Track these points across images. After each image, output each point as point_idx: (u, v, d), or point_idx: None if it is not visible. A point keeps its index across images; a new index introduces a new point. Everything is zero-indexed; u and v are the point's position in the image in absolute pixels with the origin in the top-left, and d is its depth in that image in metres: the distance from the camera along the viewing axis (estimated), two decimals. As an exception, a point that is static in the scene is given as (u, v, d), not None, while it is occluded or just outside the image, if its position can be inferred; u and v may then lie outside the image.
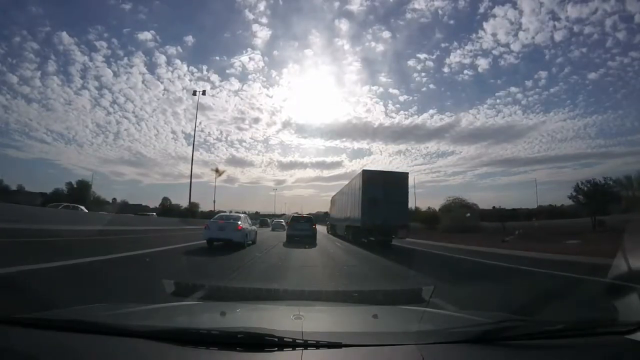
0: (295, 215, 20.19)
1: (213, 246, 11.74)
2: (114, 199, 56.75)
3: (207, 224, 12.94)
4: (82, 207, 25.87)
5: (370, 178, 15.99)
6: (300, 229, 17.06)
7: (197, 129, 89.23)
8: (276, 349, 1.16)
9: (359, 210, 16.06)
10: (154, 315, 1.88)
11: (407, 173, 17.54)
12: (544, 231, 24.59)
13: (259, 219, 49.72)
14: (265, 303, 2.92)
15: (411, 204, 55.72)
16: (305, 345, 1.17)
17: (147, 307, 2.06)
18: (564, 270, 7.82)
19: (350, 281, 6.16)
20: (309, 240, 15.84)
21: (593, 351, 1.25)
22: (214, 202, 48.67)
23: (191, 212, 40.09)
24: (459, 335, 1.33)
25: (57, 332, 1.32)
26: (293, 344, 1.17)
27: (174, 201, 60.84)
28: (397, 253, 12.65)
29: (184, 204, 61.77)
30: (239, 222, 12.54)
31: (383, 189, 15.50)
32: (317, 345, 1.18)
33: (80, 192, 46.32)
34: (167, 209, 55.20)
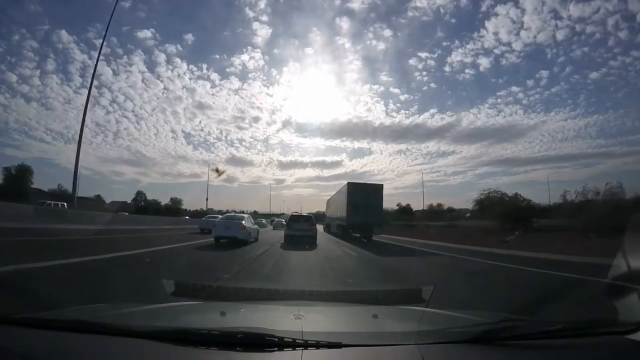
0: (294, 214, 19.43)
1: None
2: (98, 195, 54.26)
3: (214, 223, 14.69)
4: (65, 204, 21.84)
5: (354, 188, 20.50)
6: (299, 229, 16.30)
7: (197, 127, 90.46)
8: (276, 349, 1.16)
9: (345, 212, 20.18)
10: (154, 315, 1.88)
11: (382, 184, 22.39)
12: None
13: (271, 218, 49.66)
14: (265, 303, 2.92)
15: (420, 203, 57.59)
16: (305, 345, 1.17)
17: (147, 307, 2.06)
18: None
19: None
20: (309, 241, 15.28)
21: (593, 351, 1.25)
22: (207, 200, 48.22)
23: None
24: (459, 335, 1.33)
25: (57, 332, 1.32)
26: (293, 344, 1.17)
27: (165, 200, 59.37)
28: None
29: (168, 201, 59.43)
30: (243, 222, 13.81)
31: (363, 197, 19.72)
32: (317, 345, 1.18)
33: (18, 180, 37.82)
34: (141, 207, 49.30)
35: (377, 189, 21.22)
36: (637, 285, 1.67)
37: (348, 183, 21.07)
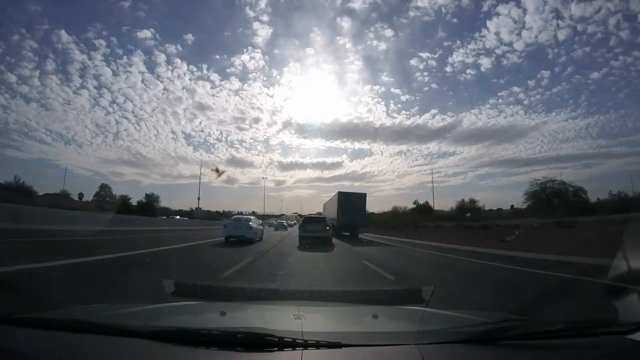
0: (307, 215, 20.42)
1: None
2: (81, 194, 47.70)
3: (225, 224, 16.16)
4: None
5: (343, 196, 24.77)
6: (314, 231, 15.74)
7: (197, 128, 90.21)
8: (276, 349, 1.16)
9: (336, 215, 23.94)
10: (154, 315, 1.88)
11: (365, 193, 26.84)
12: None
13: (272, 219, 49.04)
14: (265, 303, 2.92)
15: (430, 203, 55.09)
16: (305, 345, 1.17)
17: (147, 307, 2.06)
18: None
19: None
20: (324, 242, 14.50)
21: (593, 351, 1.25)
22: (199, 199, 47.11)
23: None
24: (459, 335, 1.33)
25: (57, 332, 1.32)
26: (293, 344, 1.17)
27: (165, 203, 55.77)
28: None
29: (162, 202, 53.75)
30: (250, 223, 15.76)
31: (350, 203, 23.76)
32: (317, 345, 1.18)
33: None
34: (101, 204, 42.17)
35: (362, 197, 26.01)
36: (637, 286, 1.67)
37: (338, 192, 25.67)
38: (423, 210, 51.81)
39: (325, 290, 4.99)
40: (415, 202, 57.88)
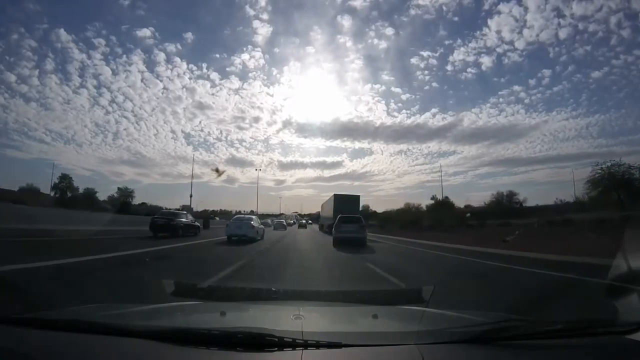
0: (342, 215, 16.58)
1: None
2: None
3: (227, 223, 16.96)
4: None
5: (338, 197, 28.44)
6: (350, 231, 14.52)
7: (197, 128, 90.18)
8: (276, 349, 1.16)
9: (332, 214, 25.84)
10: (153, 315, 1.88)
11: (359, 195, 30.26)
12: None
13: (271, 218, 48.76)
14: (265, 303, 2.93)
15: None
16: (305, 345, 1.17)
17: (147, 307, 2.06)
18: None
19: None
20: (361, 244, 13.41)
21: (593, 351, 1.25)
22: (191, 197, 45.31)
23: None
24: (459, 335, 1.33)
25: (57, 332, 1.32)
26: (293, 344, 1.17)
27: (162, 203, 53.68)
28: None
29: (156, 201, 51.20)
30: (252, 222, 16.51)
31: (345, 204, 26.73)
32: (317, 345, 1.18)
33: None
34: (64, 200, 37.03)
35: (356, 198, 29.53)
36: (637, 286, 1.67)
37: (334, 194, 28.88)
38: (445, 207, 43.48)
39: (325, 290, 5.00)
40: (433, 198, 50.55)
